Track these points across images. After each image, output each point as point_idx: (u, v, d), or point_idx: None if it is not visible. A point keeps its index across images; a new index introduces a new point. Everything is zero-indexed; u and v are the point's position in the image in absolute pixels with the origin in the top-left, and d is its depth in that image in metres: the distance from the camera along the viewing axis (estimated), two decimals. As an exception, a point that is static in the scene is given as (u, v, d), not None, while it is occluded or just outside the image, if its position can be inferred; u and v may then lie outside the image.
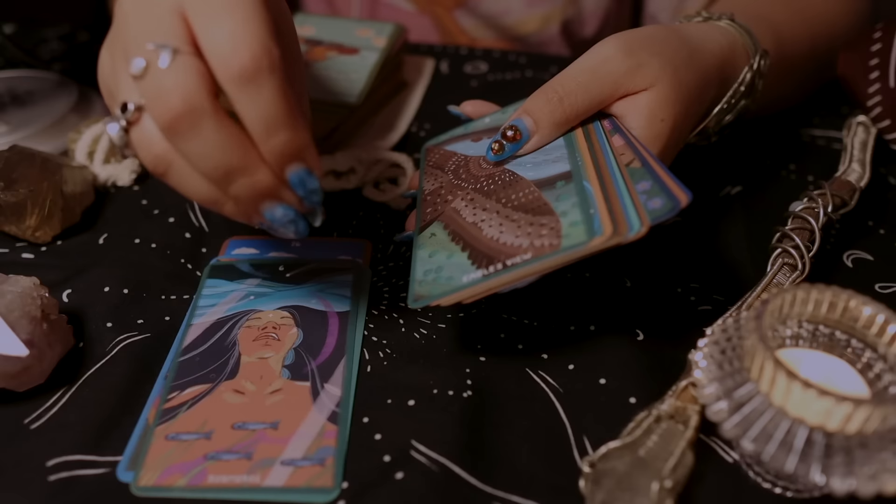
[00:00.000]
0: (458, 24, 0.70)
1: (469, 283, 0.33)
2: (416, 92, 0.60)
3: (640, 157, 0.35)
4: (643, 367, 0.37)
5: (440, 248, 0.36)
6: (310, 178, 0.32)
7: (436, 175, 0.42)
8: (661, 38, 0.39)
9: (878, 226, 0.47)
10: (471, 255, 0.34)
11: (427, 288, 0.34)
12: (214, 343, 0.38)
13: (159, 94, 0.29)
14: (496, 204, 0.37)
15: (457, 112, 0.45)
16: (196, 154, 0.30)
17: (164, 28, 0.30)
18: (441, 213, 0.38)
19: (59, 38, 0.68)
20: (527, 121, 0.38)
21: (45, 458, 0.33)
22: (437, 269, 0.35)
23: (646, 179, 0.33)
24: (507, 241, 0.34)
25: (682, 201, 0.31)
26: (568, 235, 0.32)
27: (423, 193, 0.41)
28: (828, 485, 0.26)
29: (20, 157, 0.44)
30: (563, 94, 0.38)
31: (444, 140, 0.45)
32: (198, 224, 0.47)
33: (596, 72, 0.38)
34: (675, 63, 0.38)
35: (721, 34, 0.42)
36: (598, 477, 0.31)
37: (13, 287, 0.36)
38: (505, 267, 0.32)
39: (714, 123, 0.42)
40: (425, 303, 0.33)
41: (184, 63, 0.29)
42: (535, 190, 0.36)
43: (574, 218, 0.33)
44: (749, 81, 0.42)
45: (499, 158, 0.39)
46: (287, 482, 0.32)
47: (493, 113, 0.44)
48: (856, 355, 0.31)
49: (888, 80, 0.49)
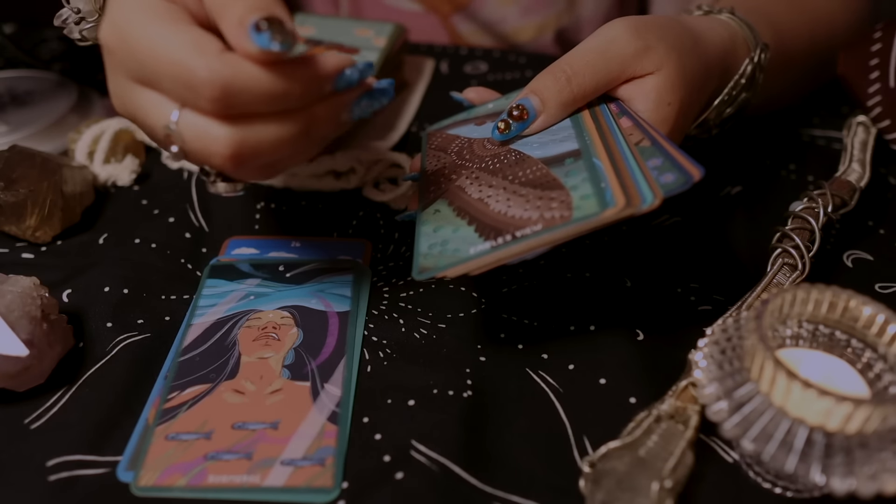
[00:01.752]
0: (456, 29, 0.70)
1: (476, 254, 0.32)
2: (416, 92, 0.60)
3: (649, 137, 0.34)
4: (643, 367, 0.37)
5: (445, 222, 0.35)
6: (345, 76, 0.32)
7: (438, 157, 0.41)
8: (666, 24, 0.39)
9: (878, 226, 0.47)
10: (478, 229, 0.34)
11: (433, 260, 0.33)
12: (214, 343, 0.38)
13: (204, 157, 0.30)
14: (502, 181, 0.36)
15: (460, 98, 0.45)
16: (271, 156, 0.31)
17: (148, 107, 0.30)
18: (445, 191, 0.38)
19: (59, 38, 0.68)
20: (534, 100, 0.38)
21: (45, 458, 0.33)
22: (443, 243, 0.34)
23: (656, 157, 0.33)
24: (515, 213, 0.33)
25: (694, 175, 0.30)
26: (579, 207, 0.32)
27: (426, 174, 0.40)
28: (828, 485, 0.26)
29: (20, 157, 0.44)
30: (570, 74, 0.37)
31: (446, 125, 0.45)
32: (198, 224, 0.47)
33: (604, 52, 0.37)
34: (680, 49, 0.38)
35: (722, 27, 0.42)
36: (598, 477, 0.31)
37: (13, 287, 0.36)
38: (514, 238, 0.32)
39: (715, 115, 0.42)
40: (431, 274, 0.32)
41: (189, 120, 0.30)
42: (542, 167, 0.36)
43: (585, 191, 0.33)
44: (750, 74, 0.42)
45: (505, 138, 0.38)
46: (287, 482, 0.32)
47: (496, 100, 0.44)
48: (856, 355, 0.31)
49: (888, 80, 0.49)
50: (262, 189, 0.50)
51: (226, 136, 0.29)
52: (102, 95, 0.58)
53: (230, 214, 0.47)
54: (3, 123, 0.52)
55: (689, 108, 0.39)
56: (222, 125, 0.29)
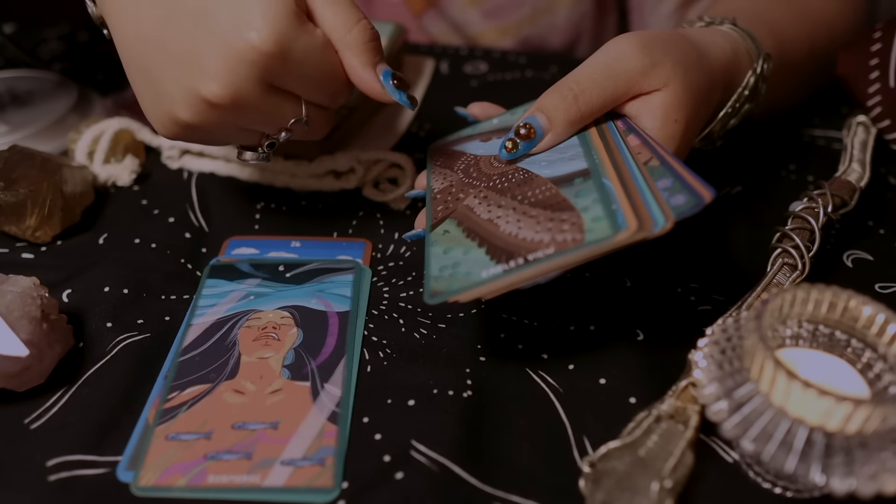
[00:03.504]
0: (427, 31, 0.70)
1: (489, 277, 0.31)
2: (416, 92, 0.60)
3: (658, 156, 0.34)
4: (643, 367, 0.37)
5: (455, 244, 0.35)
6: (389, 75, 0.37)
7: (444, 174, 0.41)
8: (671, 39, 0.39)
9: (878, 226, 0.47)
10: (489, 251, 0.33)
11: (444, 284, 0.32)
12: (214, 343, 0.38)
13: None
14: (511, 201, 0.36)
15: (464, 113, 0.45)
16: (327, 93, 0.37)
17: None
18: (453, 210, 0.37)
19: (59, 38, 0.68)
20: (541, 118, 0.38)
21: (45, 458, 0.33)
22: (454, 265, 0.33)
23: (666, 177, 0.32)
24: (526, 236, 0.33)
25: (705, 198, 0.30)
26: (591, 230, 0.31)
27: (433, 192, 0.39)
28: (828, 485, 0.26)
29: (20, 157, 0.44)
30: (577, 92, 0.37)
31: (450, 141, 0.45)
32: (198, 224, 0.47)
33: (611, 69, 0.37)
34: (686, 64, 0.38)
35: (724, 39, 0.42)
36: (598, 477, 0.31)
37: (13, 287, 0.36)
38: (527, 262, 0.31)
39: (719, 128, 0.42)
40: (443, 298, 0.32)
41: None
42: (552, 187, 0.35)
43: (596, 213, 0.32)
44: (753, 85, 0.42)
45: (512, 157, 0.38)
46: (287, 482, 0.32)
47: (501, 115, 0.44)
48: (856, 355, 0.31)
49: (888, 80, 0.49)
50: (262, 189, 0.50)
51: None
52: (102, 95, 0.58)
53: (230, 214, 0.48)
54: (3, 123, 0.52)
55: (695, 124, 0.39)
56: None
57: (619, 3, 0.70)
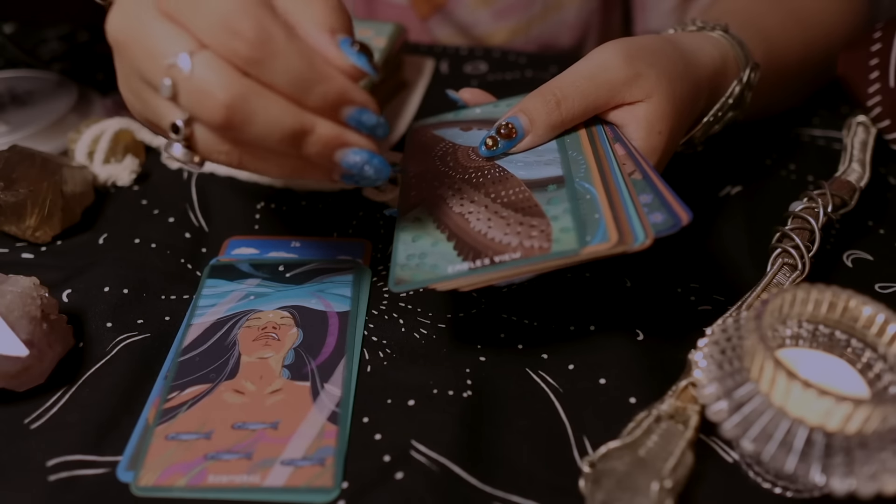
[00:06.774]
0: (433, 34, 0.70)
1: (455, 274, 0.32)
2: (416, 92, 0.60)
3: (641, 170, 0.34)
4: (643, 367, 0.37)
5: (424, 233, 0.35)
6: (364, 114, 0.32)
7: (421, 158, 0.41)
8: (658, 48, 0.39)
9: (878, 226, 0.47)
10: (457, 246, 0.34)
11: (409, 273, 0.33)
12: (214, 343, 0.38)
13: (199, 98, 0.29)
14: (484, 198, 0.36)
15: (455, 97, 0.45)
16: (259, 134, 0.30)
17: (163, 37, 0.29)
18: (426, 198, 0.38)
19: (59, 38, 0.68)
20: (523, 119, 0.38)
21: (45, 458, 0.33)
22: (421, 255, 0.34)
23: (647, 193, 0.33)
24: (495, 236, 0.34)
25: (682, 219, 0.31)
26: (558, 241, 0.32)
27: (408, 175, 0.40)
28: (828, 485, 0.26)
29: (20, 157, 0.44)
30: (560, 98, 0.38)
31: (431, 123, 0.45)
32: (198, 224, 0.47)
33: (594, 78, 0.38)
34: (671, 75, 0.38)
35: (713, 46, 0.42)
36: (598, 477, 0.31)
37: (13, 287, 0.36)
38: (493, 263, 0.32)
39: (701, 133, 0.43)
40: (407, 287, 0.33)
41: (205, 59, 0.29)
42: (525, 189, 0.36)
43: (565, 224, 0.33)
44: (738, 94, 0.42)
45: (491, 154, 0.39)
46: (287, 482, 0.32)
47: (484, 105, 0.44)
48: (856, 355, 0.31)
49: (888, 80, 0.49)
50: (262, 189, 0.50)
51: (232, 84, 0.29)
52: (102, 95, 0.58)
53: (230, 214, 0.48)
54: (3, 123, 0.52)
55: (677, 134, 0.39)
56: (235, 73, 0.29)
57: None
